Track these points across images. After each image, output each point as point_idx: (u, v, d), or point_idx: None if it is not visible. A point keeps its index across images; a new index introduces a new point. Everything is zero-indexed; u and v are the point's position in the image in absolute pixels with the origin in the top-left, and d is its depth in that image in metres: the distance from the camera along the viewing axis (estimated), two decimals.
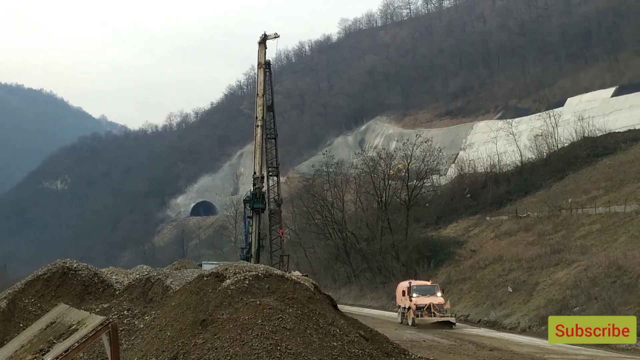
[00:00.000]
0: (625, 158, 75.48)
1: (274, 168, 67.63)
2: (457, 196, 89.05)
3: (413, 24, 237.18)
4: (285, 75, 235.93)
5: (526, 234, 64.48)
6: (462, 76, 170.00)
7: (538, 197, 75.19)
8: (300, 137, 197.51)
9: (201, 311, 21.95)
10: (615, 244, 50.50)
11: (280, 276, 24.08)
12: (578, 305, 41.30)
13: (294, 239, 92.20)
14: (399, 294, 49.65)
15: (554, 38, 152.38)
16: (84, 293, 26.87)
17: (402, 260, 69.71)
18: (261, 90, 65.88)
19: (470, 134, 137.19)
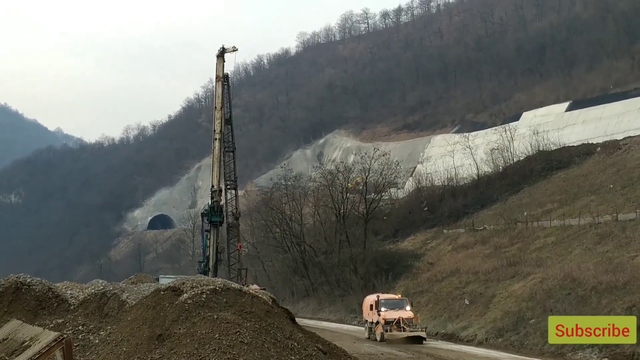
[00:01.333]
0: (579, 172, 76.54)
1: (232, 181, 67.34)
2: (415, 209, 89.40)
3: (371, 38, 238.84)
4: (243, 89, 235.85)
5: (483, 246, 64.89)
6: (420, 90, 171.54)
7: (494, 210, 75.80)
8: (259, 150, 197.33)
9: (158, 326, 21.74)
10: (570, 257, 51.12)
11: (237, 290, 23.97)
12: (534, 317, 41.64)
13: (252, 252, 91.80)
14: (366, 308, 47.55)
15: (509, 53, 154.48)
16: (37, 308, 26.45)
17: (360, 273, 69.76)
18: (219, 104, 65.69)
19: (428, 148, 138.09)
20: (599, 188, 67.53)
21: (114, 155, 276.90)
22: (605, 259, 46.79)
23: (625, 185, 64.64)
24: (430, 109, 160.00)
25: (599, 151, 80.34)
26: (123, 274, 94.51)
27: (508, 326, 42.60)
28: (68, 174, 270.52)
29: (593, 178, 72.03)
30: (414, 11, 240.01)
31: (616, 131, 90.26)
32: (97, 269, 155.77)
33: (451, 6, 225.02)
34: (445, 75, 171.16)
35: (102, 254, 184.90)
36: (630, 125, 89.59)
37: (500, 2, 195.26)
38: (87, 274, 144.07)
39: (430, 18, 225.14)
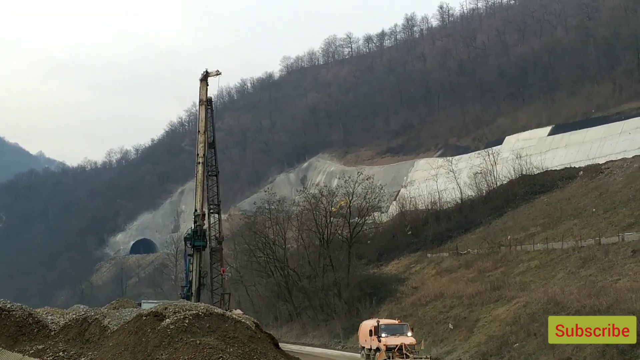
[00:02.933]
0: (562, 195, 76.93)
1: (215, 205, 67.24)
2: (399, 233, 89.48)
3: (354, 62, 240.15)
4: (227, 112, 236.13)
5: (467, 270, 64.97)
6: (403, 114, 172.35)
7: (478, 234, 75.96)
8: (242, 174, 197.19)
9: (139, 352, 21.62)
10: (553, 280, 51.28)
11: (221, 315, 23.91)
12: (517, 341, 41.67)
13: (235, 276, 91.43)
14: (364, 334, 45.26)
15: (492, 78, 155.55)
16: (17, 334, 26.25)
17: (344, 297, 69.58)
18: (202, 127, 65.71)
19: (411, 172, 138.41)
20: (582, 212, 67.90)
21: (96, 179, 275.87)
22: (588, 283, 46.97)
23: (608, 209, 65.01)
24: (414, 132, 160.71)
25: (581, 175, 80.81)
26: (105, 298, 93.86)
27: (492, 350, 42.58)
28: (50, 198, 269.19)
29: (576, 202, 72.41)
30: (397, 36, 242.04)
31: (598, 155, 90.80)
32: (78, 294, 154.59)
33: (434, 31, 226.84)
34: (428, 99, 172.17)
35: (83, 278, 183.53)
36: (612, 149, 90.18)
37: (482, 27, 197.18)
38: (68, 299, 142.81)
39: (413, 42, 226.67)
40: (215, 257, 66.94)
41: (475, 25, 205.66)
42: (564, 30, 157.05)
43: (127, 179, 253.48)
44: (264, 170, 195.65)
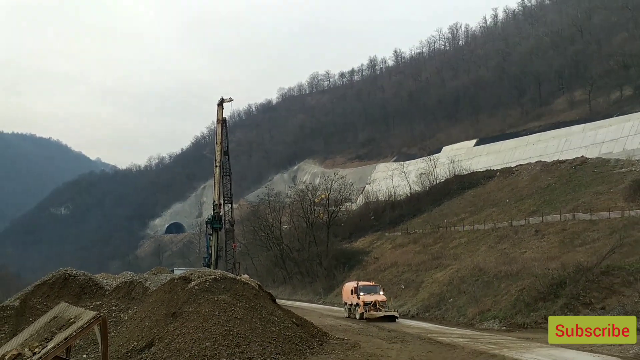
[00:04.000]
0: (484, 190, 77.32)
1: (229, 197, 67.02)
2: (364, 218, 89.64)
3: (332, 92, 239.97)
4: (237, 129, 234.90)
5: (414, 245, 65.15)
6: (368, 130, 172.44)
7: (423, 219, 76.24)
8: (249, 174, 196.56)
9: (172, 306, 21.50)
10: (478, 252, 51.51)
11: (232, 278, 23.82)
12: (452, 297, 41.79)
13: (243, 250, 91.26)
14: (346, 293, 43.86)
15: (433, 104, 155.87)
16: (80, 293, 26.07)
17: (324, 265, 69.65)
18: (219, 140, 65.50)
19: (374, 173, 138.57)
20: (499, 202, 68.28)
21: (140, 179, 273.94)
22: (503, 254, 47.23)
23: (518, 200, 65.44)
24: (375, 144, 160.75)
25: (498, 175, 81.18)
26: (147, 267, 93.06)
27: (433, 304, 42.69)
28: (105, 192, 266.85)
29: (494, 195, 72.77)
30: (363, 72, 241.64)
31: (510, 161, 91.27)
32: (126, 264, 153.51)
33: (390, 69, 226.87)
34: (386, 119, 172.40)
35: (130, 252, 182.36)
36: (520, 157, 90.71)
37: (426, 66, 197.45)
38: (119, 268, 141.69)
39: (375, 77, 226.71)
40: (228, 235, 66.77)
41: (421, 65, 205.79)
42: (486, 69, 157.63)
43: (163, 178, 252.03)
44: (265, 171, 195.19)
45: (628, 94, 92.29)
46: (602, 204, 51.29)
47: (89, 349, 20.35)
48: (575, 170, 67.20)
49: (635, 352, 20.48)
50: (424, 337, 27.72)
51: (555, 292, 31.53)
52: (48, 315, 14.47)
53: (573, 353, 21.61)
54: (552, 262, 37.58)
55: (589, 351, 21.51)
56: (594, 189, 57.04)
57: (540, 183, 68.09)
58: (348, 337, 26.22)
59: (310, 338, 22.64)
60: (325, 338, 24.04)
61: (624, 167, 61.06)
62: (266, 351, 19.22)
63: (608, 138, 77.46)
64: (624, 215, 45.63)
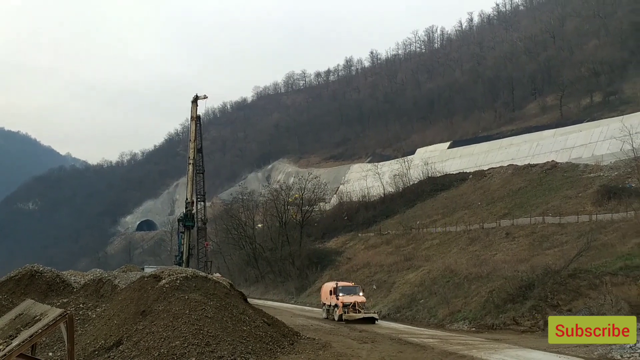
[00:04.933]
0: (457, 192, 77.95)
1: (202, 195, 66.55)
2: (338, 218, 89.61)
3: (307, 91, 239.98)
4: (211, 126, 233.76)
5: (387, 246, 65.36)
6: (343, 131, 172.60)
7: (396, 220, 76.49)
8: (222, 172, 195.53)
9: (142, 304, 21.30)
10: (449, 254, 51.93)
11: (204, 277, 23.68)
12: (423, 298, 42.07)
13: (215, 249, 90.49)
14: (325, 293, 42.52)
15: (408, 105, 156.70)
16: (47, 290, 25.64)
17: (296, 265, 69.57)
18: (193, 137, 64.99)
19: (348, 173, 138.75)
20: (471, 204, 68.93)
21: (111, 174, 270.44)
22: (474, 256, 47.70)
23: (489, 202, 66.16)
24: (350, 144, 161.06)
25: (471, 178, 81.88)
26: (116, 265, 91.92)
27: (404, 304, 42.92)
28: (75, 188, 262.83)
29: (466, 197, 73.41)
30: (339, 73, 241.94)
31: (483, 164, 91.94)
32: (96, 261, 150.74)
33: (366, 70, 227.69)
34: (361, 120, 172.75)
35: (100, 249, 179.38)
36: (493, 160, 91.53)
37: (401, 68, 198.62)
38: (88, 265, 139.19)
39: (351, 78, 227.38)
40: (200, 234, 66.33)
41: (397, 66, 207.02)
42: (461, 72, 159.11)
43: (135, 174, 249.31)
44: (238, 170, 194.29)
45: (598, 101, 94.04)
46: (571, 207, 52.19)
47: (55, 347, 20.05)
48: (546, 174, 68.22)
49: (600, 353, 20.88)
50: (395, 338, 27.89)
51: (524, 294, 31.97)
52: (13, 312, 14.20)
53: (540, 354, 21.95)
54: (521, 264, 38.12)
55: (555, 352, 21.86)
56: (564, 193, 57.99)
57: (511, 186, 68.94)
58: (319, 336, 26.26)
59: (281, 337, 22.62)
60: (297, 338, 24.05)
61: (593, 172, 62.20)
62: (236, 350, 19.14)
63: (578, 143, 78.80)
64: (592, 219, 46.50)
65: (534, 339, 26.78)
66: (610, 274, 30.23)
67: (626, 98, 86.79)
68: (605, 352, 20.77)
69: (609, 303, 28.60)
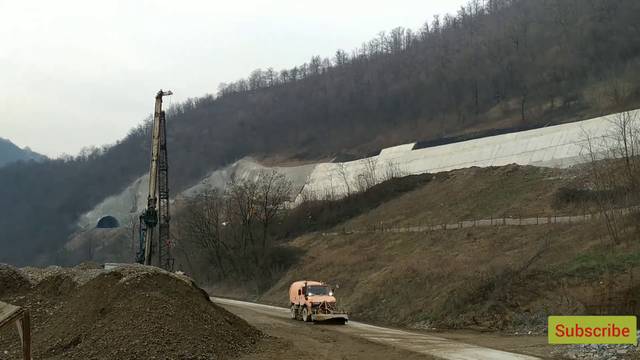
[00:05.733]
0: (420, 193, 78.75)
1: (165, 192, 66.05)
2: (302, 217, 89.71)
3: (274, 90, 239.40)
4: (176, 123, 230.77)
5: (350, 246, 65.70)
6: (308, 130, 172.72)
7: (359, 219, 76.92)
8: (186, 169, 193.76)
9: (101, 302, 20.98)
10: (412, 254, 52.47)
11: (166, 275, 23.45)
12: (385, 298, 42.38)
13: (178, 246, 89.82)
14: (294, 293, 41.57)
15: (373, 106, 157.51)
16: (3, 287, 25.04)
17: (260, 264, 69.40)
18: (157, 133, 64.39)
19: (313, 172, 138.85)
20: (434, 205, 69.74)
21: (72, 170, 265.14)
22: (436, 257, 48.31)
23: (452, 204, 67.02)
24: (315, 144, 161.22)
25: (434, 179, 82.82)
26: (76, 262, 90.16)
27: (367, 304, 43.17)
28: (34, 183, 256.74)
29: (429, 198, 74.24)
30: (306, 72, 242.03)
31: (446, 165, 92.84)
32: (54, 258, 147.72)
33: (332, 69, 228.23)
34: (327, 120, 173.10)
35: (59, 246, 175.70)
36: (456, 161, 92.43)
37: (367, 69, 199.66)
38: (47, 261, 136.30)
39: (317, 77, 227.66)
40: (163, 231, 65.88)
41: (363, 67, 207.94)
42: (426, 74, 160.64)
43: (96, 170, 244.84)
44: (203, 167, 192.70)
45: (558, 105, 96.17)
46: (531, 210, 53.28)
47: (10, 344, 19.59)
48: (507, 176, 69.47)
49: (556, 352, 21.36)
50: (357, 337, 28.05)
51: (484, 294, 32.49)
52: None
53: (498, 353, 22.35)
54: (482, 265, 38.71)
55: (513, 351, 22.29)
56: (524, 196, 59.15)
57: (474, 188, 69.99)
58: (281, 335, 26.25)
59: (243, 336, 22.54)
60: (258, 336, 23.99)
61: (552, 175, 63.61)
62: (197, 349, 18.99)
63: (539, 147, 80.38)
64: (550, 221, 47.56)
65: (492, 339, 27.25)
66: (567, 275, 30.94)
67: (585, 103, 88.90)
68: (561, 351, 21.26)
69: (566, 304, 29.32)
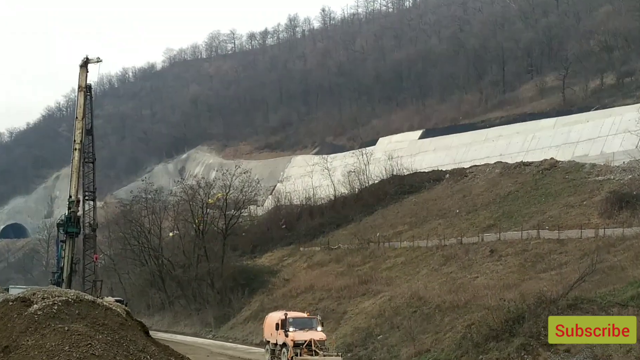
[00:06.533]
0: (429, 196, 78.95)
1: (91, 192, 65.50)
2: (273, 226, 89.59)
3: (237, 57, 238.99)
4: (107, 100, 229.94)
5: (337, 264, 65.69)
6: (283, 111, 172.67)
7: (349, 230, 76.91)
8: (120, 162, 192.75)
9: (4, 337, 20.72)
10: (417, 276, 52.63)
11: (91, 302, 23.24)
12: (382, 333, 42.50)
13: (108, 264, 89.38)
14: (269, 327, 40.80)
15: (369, 80, 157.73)
16: None
17: (217, 287, 69.31)
18: (81, 114, 63.82)
19: (288, 167, 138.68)
20: (446, 212, 69.96)
21: None
22: (449, 279, 48.49)
23: (470, 210, 67.27)
24: (292, 129, 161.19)
25: (447, 178, 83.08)
26: None
27: (357, 341, 43.25)
28: None
29: (441, 203, 74.47)
30: (280, 35, 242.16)
31: (463, 160, 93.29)
32: None
33: (315, 32, 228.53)
34: (307, 98, 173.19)
35: None
36: (476, 155, 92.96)
37: (361, 31, 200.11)
38: None
39: (295, 42, 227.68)
40: (88, 244, 65.31)
41: (355, 29, 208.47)
42: (438, 39, 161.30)
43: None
44: (142, 159, 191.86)
45: (610, 83, 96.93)
46: (573, 219, 53.65)
47: None
48: (543, 175, 69.89)
49: None
50: None
51: (511, 329, 32.65)
52: None
53: None
54: (509, 291, 38.94)
55: None
56: (564, 201, 59.56)
57: (499, 190, 70.32)
58: None
59: None
60: None
61: (601, 175, 64.03)
62: None
63: (584, 137, 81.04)
64: (598, 234, 47.90)
65: None
66: (619, 305, 31.20)
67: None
68: None
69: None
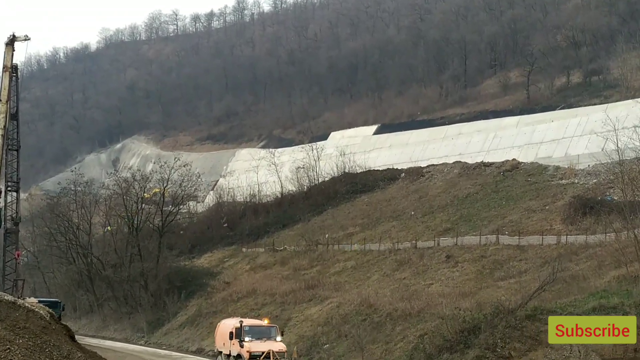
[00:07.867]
0: (383, 196, 79.27)
1: (14, 183, 64.28)
2: (214, 225, 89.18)
3: (179, 41, 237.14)
4: (34, 82, 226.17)
5: (282, 267, 65.70)
6: (227, 100, 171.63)
7: (296, 231, 76.95)
8: (48, 150, 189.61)
9: None
10: (368, 282, 52.81)
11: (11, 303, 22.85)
12: (328, 342, 42.52)
13: (32, 262, 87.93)
14: (222, 336, 39.72)
15: (321, 70, 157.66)
16: None
17: (151, 289, 68.71)
18: (5, 96, 62.55)
19: (232, 161, 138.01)
20: (401, 214, 70.40)
21: None
22: (402, 286, 48.76)
23: (426, 213, 67.78)
24: (237, 120, 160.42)
25: (402, 177, 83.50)
26: None
27: (302, 351, 43.16)
28: None
29: (396, 204, 74.86)
30: (227, 17, 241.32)
31: (420, 158, 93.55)
32: None
33: (265, 16, 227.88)
34: (254, 87, 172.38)
35: None
36: (434, 154, 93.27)
37: (315, 18, 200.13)
38: None
39: (243, 26, 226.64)
40: (10, 239, 64.14)
41: (308, 14, 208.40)
42: (396, 28, 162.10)
43: None
44: (72, 148, 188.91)
45: (577, 81, 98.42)
46: (534, 225, 54.46)
47: None
48: (504, 177, 70.80)
49: None
50: None
51: (466, 340, 32.93)
52: None
53: None
54: (464, 299, 39.32)
55: None
56: (526, 205, 60.41)
57: (457, 191, 70.98)
58: None
59: None
60: None
61: (565, 178, 65.13)
62: None
63: (548, 137, 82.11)
64: (560, 241, 48.66)
65: None
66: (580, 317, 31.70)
67: (613, 80, 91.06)
68: None
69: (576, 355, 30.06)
